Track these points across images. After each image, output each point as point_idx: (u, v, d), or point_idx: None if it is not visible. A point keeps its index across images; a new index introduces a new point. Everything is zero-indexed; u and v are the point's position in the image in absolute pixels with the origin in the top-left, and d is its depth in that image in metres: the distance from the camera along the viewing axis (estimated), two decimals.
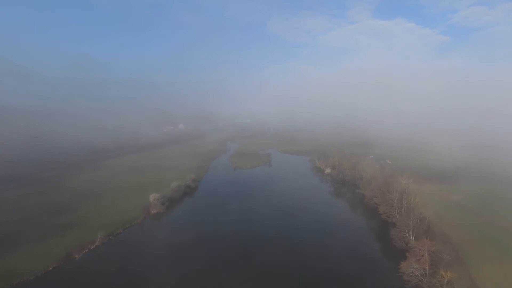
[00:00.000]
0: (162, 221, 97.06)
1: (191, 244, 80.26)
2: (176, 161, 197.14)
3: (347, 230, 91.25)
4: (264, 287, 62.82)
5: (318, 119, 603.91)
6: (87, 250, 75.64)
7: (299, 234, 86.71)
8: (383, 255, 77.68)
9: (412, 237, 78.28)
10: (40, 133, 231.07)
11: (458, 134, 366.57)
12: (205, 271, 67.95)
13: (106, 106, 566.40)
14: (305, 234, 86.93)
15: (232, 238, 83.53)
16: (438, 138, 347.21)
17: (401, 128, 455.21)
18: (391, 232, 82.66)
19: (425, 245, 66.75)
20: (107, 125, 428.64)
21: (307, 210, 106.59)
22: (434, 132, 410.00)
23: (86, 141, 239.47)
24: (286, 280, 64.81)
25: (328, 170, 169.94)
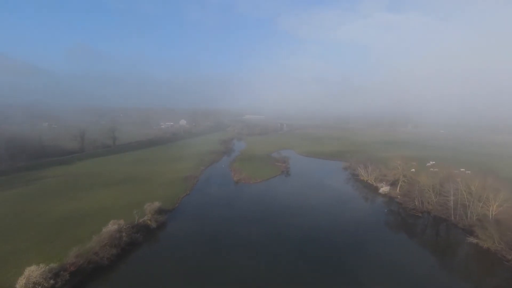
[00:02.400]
0: None
1: None
2: (156, 168, 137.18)
3: None
4: None
5: (336, 115, 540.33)
6: None
7: None
8: None
9: None
10: None
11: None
12: None
13: (102, 102, 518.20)
14: None
15: None
16: (498, 136, 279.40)
17: (442, 123, 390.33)
18: None
19: None
20: (93, 121, 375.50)
21: None
22: (487, 130, 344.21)
23: (46, 140, 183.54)
24: None
25: (385, 188, 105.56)
